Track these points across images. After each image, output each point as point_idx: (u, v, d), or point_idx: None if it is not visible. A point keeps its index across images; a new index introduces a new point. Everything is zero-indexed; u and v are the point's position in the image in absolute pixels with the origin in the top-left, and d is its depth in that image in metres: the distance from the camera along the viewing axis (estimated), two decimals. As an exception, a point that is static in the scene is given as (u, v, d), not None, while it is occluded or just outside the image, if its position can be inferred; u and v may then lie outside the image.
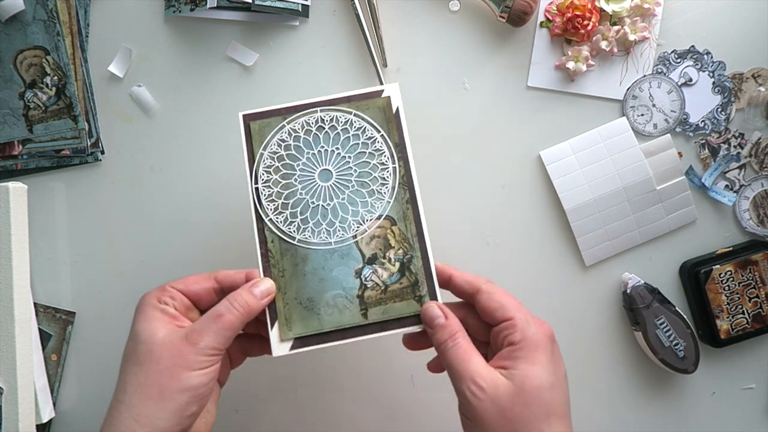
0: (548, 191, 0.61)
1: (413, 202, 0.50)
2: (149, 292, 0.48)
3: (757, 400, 0.62)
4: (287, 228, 0.50)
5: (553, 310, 0.62)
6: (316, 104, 0.52)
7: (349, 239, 0.50)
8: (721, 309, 0.59)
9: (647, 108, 0.60)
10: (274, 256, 0.50)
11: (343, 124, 0.51)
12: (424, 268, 0.49)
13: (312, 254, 0.50)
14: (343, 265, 0.50)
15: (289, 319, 0.49)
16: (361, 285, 0.49)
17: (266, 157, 0.51)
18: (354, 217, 0.50)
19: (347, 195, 0.51)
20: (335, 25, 0.61)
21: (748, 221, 0.61)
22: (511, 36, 0.61)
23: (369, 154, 0.51)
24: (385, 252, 0.50)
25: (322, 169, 0.51)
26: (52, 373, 0.61)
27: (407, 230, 0.50)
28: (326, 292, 0.49)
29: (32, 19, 0.58)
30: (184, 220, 0.62)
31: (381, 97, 0.52)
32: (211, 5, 0.58)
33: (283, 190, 0.51)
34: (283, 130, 0.51)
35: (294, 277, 0.49)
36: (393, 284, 0.49)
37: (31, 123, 0.59)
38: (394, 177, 0.51)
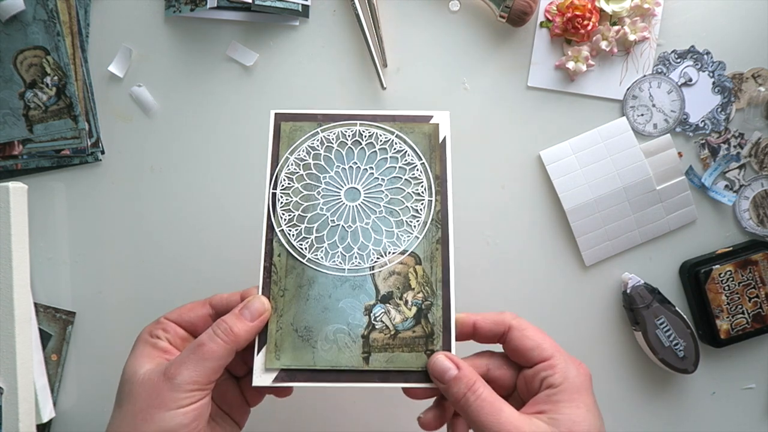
0: (548, 191, 0.61)
1: (444, 243, 0.45)
2: (147, 326, 0.46)
3: (757, 400, 0.62)
4: (298, 243, 0.45)
5: (553, 310, 0.62)
6: (357, 117, 0.47)
7: (366, 270, 0.45)
8: (721, 309, 0.59)
9: (647, 108, 0.60)
10: (278, 272, 0.45)
11: (382, 143, 0.47)
12: (443, 321, 0.44)
13: (320, 278, 0.45)
14: (353, 297, 0.44)
15: (279, 347, 0.43)
16: (368, 324, 0.44)
17: (292, 162, 0.47)
18: (376, 247, 0.45)
19: (372, 220, 0.46)
20: (335, 25, 0.61)
21: (748, 221, 0.61)
22: (511, 36, 0.61)
23: (405, 181, 0.46)
24: (402, 292, 0.44)
25: (349, 187, 0.46)
26: (52, 373, 0.61)
27: (432, 273, 0.45)
28: (328, 325, 0.44)
29: (32, 19, 0.58)
30: (184, 220, 0.62)
31: (429, 123, 0.48)
32: (211, 5, 0.58)
33: (303, 201, 0.46)
34: (316, 138, 0.47)
35: (295, 299, 0.44)
36: (405, 330, 0.44)
37: (31, 123, 0.59)
38: (428, 211, 0.46)
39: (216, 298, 0.46)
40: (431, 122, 0.48)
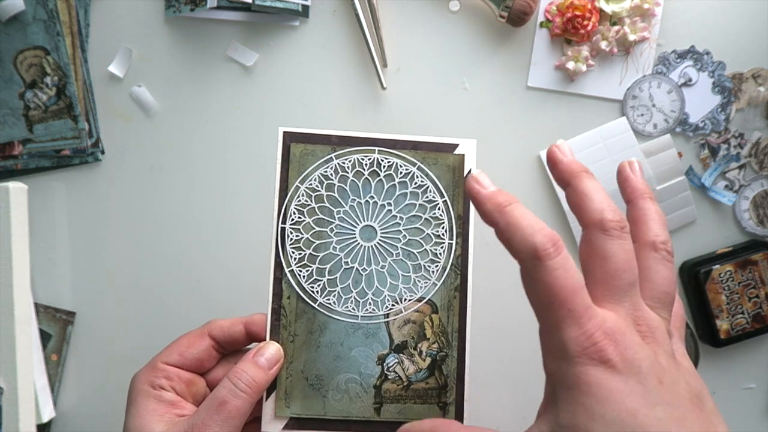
0: (548, 191, 0.61)
1: (463, 291, 0.43)
2: (139, 372, 0.42)
3: (757, 400, 0.62)
4: (310, 286, 0.42)
5: (553, 310, 0.62)
6: (375, 141, 0.43)
7: (380, 317, 0.42)
8: (720, 309, 0.59)
9: (647, 108, 0.60)
10: (287, 316, 0.42)
11: (401, 176, 0.43)
12: (458, 372, 0.42)
13: (332, 325, 0.42)
14: (366, 346, 0.42)
15: (289, 394, 0.42)
16: (381, 374, 0.42)
17: (302, 192, 0.43)
18: (391, 293, 0.43)
19: (389, 263, 0.43)
20: (335, 25, 0.61)
21: (748, 221, 0.61)
22: (511, 36, 0.61)
23: (425, 221, 0.43)
24: (417, 342, 0.42)
25: (365, 224, 0.43)
26: (52, 373, 0.61)
27: (448, 323, 0.43)
28: (339, 374, 0.42)
29: (32, 19, 0.58)
30: (185, 220, 0.62)
31: (453, 154, 0.44)
32: (211, 5, 0.58)
33: (315, 239, 0.43)
34: (329, 165, 0.43)
35: (306, 346, 0.42)
36: (418, 382, 0.42)
37: (31, 123, 0.59)
38: (448, 256, 0.43)
39: (215, 329, 0.42)
40: (456, 152, 0.44)
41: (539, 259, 0.31)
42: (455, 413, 0.42)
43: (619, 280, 0.32)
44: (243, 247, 0.62)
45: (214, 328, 0.42)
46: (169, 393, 0.40)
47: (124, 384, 0.62)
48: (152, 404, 0.39)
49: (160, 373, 0.41)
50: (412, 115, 0.61)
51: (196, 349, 0.42)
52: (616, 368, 0.30)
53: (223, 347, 0.43)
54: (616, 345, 0.30)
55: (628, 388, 0.29)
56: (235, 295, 0.62)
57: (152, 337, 0.62)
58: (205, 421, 0.37)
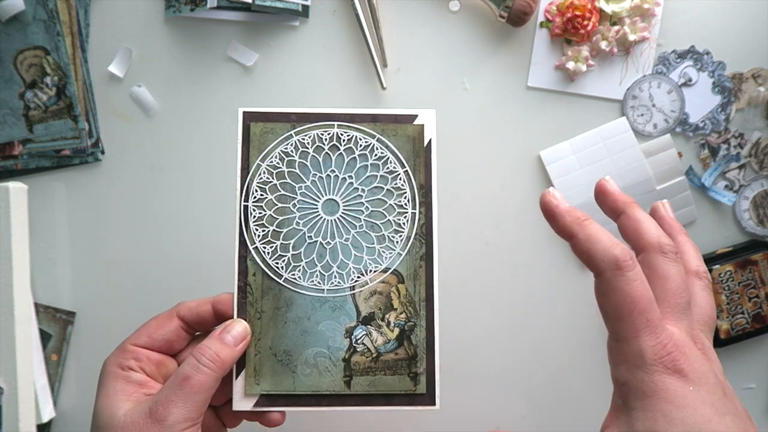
0: (548, 191, 0.61)
1: (428, 260, 0.43)
2: (109, 356, 0.42)
3: (757, 400, 0.62)
4: (274, 262, 0.43)
5: (553, 310, 0.62)
6: (334, 117, 0.43)
7: (346, 290, 0.43)
8: (720, 309, 0.59)
9: (647, 108, 0.60)
10: (254, 293, 0.42)
11: (361, 149, 0.43)
12: (427, 341, 0.42)
13: (299, 299, 0.42)
14: (333, 319, 0.42)
15: (258, 371, 0.42)
16: (350, 347, 0.42)
17: (264, 170, 0.43)
18: (356, 265, 0.43)
19: (352, 236, 0.43)
20: (335, 25, 0.61)
21: (748, 221, 0.61)
22: (511, 36, 0.61)
23: (387, 192, 0.43)
24: (384, 313, 0.42)
25: (327, 198, 0.43)
26: (52, 373, 0.61)
27: (415, 292, 0.42)
28: (307, 348, 0.42)
29: (32, 19, 0.58)
30: (184, 220, 0.62)
31: (413, 125, 0.44)
32: (211, 5, 0.58)
33: (278, 215, 0.43)
34: (290, 142, 0.43)
35: (273, 322, 0.42)
36: (387, 353, 0.42)
37: (31, 123, 0.59)
38: (411, 225, 0.43)
39: (183, 308, 0.42)
40: (416, 123, 0.44)
41: (620, 269, 0.33)
42: (426, 383, 0.42)
43: (679, 298, 0.34)
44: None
45: (182, 309, 0.42)
46: (138, 374, 0.40)
47: (124, 384, 0.62)
48: (120, 385, 0.40)
49: (129, 355, 0.41)
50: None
51: (165, 330, 0.42)
52: (689, 378, 0.32)
53: (193, 328, 0.43)
54: (686, 357, 0.32)
55: (700, 397, 0.31)
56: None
57: (152, 337, 0.62)
58: (169, 397, 0.37)
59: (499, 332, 0.62)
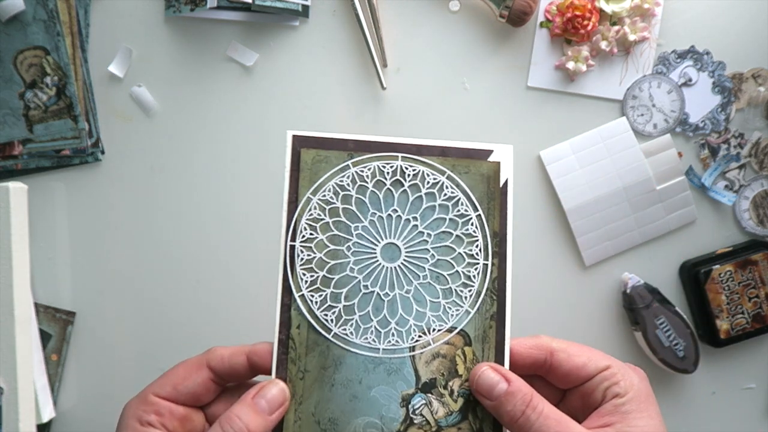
0: (548, 191, 0.61)
1: (500, 320, 0.37)
2: (130, 403, 0.37)
3: (757, 400, 0.62)
4: (323, 314, 0.37)
5: (553, 310, 0.62)
6: (398, 147, 0.38)
7: (405, 351, 0.37)
8: (720, 309, 0.59)
9: (647, 108, 0.60)
10: (297, 349, 0.37)
11: (429, 186, 0.38)
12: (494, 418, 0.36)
13: (349, 359, 0.37)
14: (388, 384, 0.36)
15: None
16: (406, 418, 0.36)
17: (315, 205, 0.37)
18: (417, 322, 0.37)
19: (415, 287, 0.37)
20: (335, 25, 0.61)
21: (748, 221, 0.61)
22: (511, 36, 0.61)
23: (456, 238, 0.38)
24: (447, 380, 0.37)
25: (387, 242, 0.38)
26: (52, 373, 0.61)
27: (483, 357, 0.37)
28: (357, 417, 0.36)
29: (32, 19, 0.58)
30: (185, 220, 0.62)
31: (488, 161, 0.38)
32: (211, 5, 0.58)
33: (329, 259, 0.37)
34: (346, 174, 0.38)
35: (318, 384, 0.36)
36: (449, 427, 0.36)
37: (31, 123, 0.59)
38: (483, 279, 0.37)
39: (215, 359, 0.37)
40: (491, 159, 0.38)
41: None
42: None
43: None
44: (243, 246, 0.62)
45: (213, 358, 0.37)
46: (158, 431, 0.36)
47: (124, 384, 0.62)
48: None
49: (150, 408, 0.36)
50: (413, 115, 0.61)
51: (192, 382, 0.37)
52: None
53: (224, 379, 0.38)
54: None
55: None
56: (235, 295, 0.62)
57: (152, 337, 0.62)
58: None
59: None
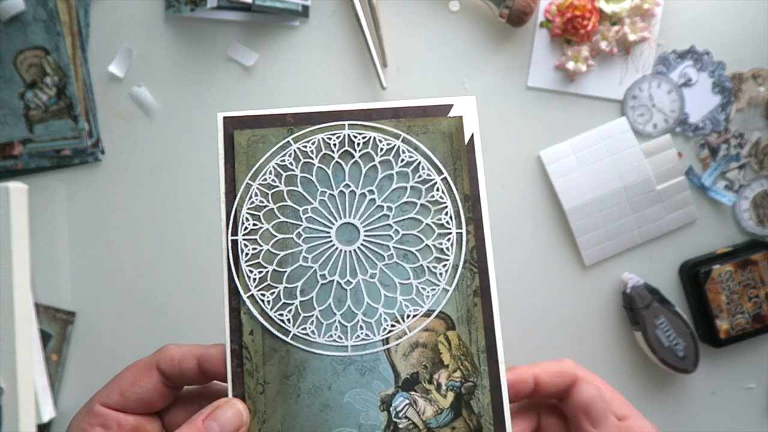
0: (548, 191, 0.61)
1: (485, 295, 0.33)
2: (75, 416, 0.33)
3: (757, 400, 0.62)
4: (278, 314, 0.32)
5: (553, 310, 0.62)
6: (343, 114, 0.33)
7: (378, 345, 0.32)
8: (720, 309, 0.59)
9: (647, 108, 0.60)
10: (252, 359, 0.31)
11: (383, 153, 0.33)
12: (494, 407, 0.31)
13: (314, 363, 0.31)
14: (364, 386, 0.31)
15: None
16: (389, 423, 0.31)
17: (255, 191, 0.33)
18: (388, 309, 0.32)
19: (380, 270, 0.32)
20: (335, 25, 0.61)
21: (748, 221, 0.61)
22: (511, 36, 0.61)
23: (421, 208, 0.33)
24: (432, 373, 0.32)
25: (343, 222, 0.33)
26: (52, 373, 0.61)
27: (471, 341, 0.32)
28: (331, 430, 0.31)
29: (32, 19, 0.58)
30: (184, 220, 0.62)
31: (448, 117, 0.34)
32: (211, 5, 0.58)
33: (278, 250, 0.32)
34: (287, 152, 0.33)
35: (281, 396, 0.31)
36: (441, 428, 0.31)
37: (31, 123, 0.59)
38: (459, 250, 0.33)
39: (165, 360, 0.33)
40: (451, 115, 0.34)
41: None
42: None
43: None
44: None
45: (162, 360, 0.33)
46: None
47: (124, 384, 0.62)
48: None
49: (95, 420, 0.32)
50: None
51: (141, 387, 0.32)
52: None
53: (176, 384, 0.33)
54: None
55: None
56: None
57: (152, 337, 0.62)
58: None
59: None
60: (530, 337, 0.62)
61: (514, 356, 0.62)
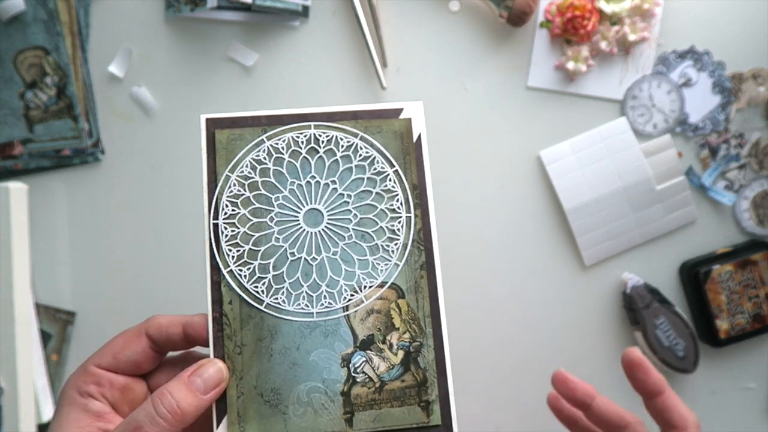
0: (548, 191, 0.61)
1: (430, 269, 0.38)
2: (71, 376, 0.37)
3: (757, 400, 0.62)
4: (253, 286, 0.38)
5: (553, 310, 0.62)
6: (310, 116, 0.39)
7: (339, 311, 0.37)
8: (720, 309, 0.59)
9: (647, 108, 0.60)
10: (231, 324, 0.37)
11: (344, 150, 0.39)
12: (437, 363, 0.37)
13: (284, 327, 0.37)
14: (327, 347, 0.37)
15: (243, 416, 0.36)
16: (348, 377, 0.36)
17: (234, 182, 0.39)
18: (347, 281, 0.37)
19: (341, 248, 0.38)
20: (335, 25, 0.61)
21: (748, 221, 0.61)
22: (511, 36, 0.61)
23: (376, 195, 0.38)
24: (385, 335, 0.37)
25: (309, 208, 0.38)
26: (52, 373, 0.61)
27: (418, 307, 0.37)
28: (299, 384, 0.36)
29: (32, 19, 0.58)
30: (184, 220, 0.62)
31: (399, 119, 0.39)
32: (211, 5, 0.58)
33: (253, 231, 0.38)
34: (261, 148, 0.39)
35: (256, 356, 0.36)
36: (392, 381, 0.37)
37: (31, 123, 0.59)
38: (408, 231, 0.38)
39: (153, 326, 0.37)
40: (402, 117, 0.39)
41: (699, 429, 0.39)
42: (441, 412, 0.37)
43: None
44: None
45: (151, 326, 0.37)
46: (97, 402, 0.35)
47: (124, 384, 0.62)
48: (75, 413, 0.35)
49: (90, 378, 0.36)
50: (412, 115, 0.61)
51: (131, 350, 0.36)
52: None
53: (162, 348, 0.37)
54: None
55: None
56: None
57: (152, 337, 0.62)
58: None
59: (499, 332, 0.62)
60: (530, 337, 0.62)
61: (514, 356, 0.62)
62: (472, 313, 0.62)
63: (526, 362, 0.62)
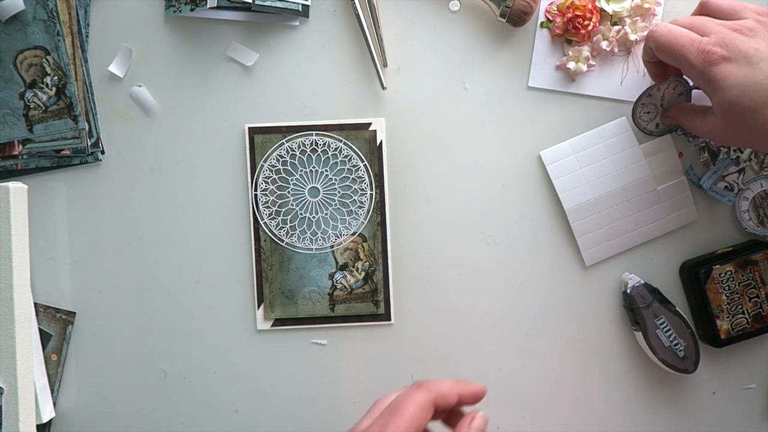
0: (548, 191, 0.61)
1: (383, 226, 0.60)
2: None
3: (757, 400, 0.62)
4: (278, 231, 0.60)
5: (553, 310, 0.62)
6: (312, 128, 0.60)
7: (327, 248, 0.60)
8: (721, 309, 0.59)
9: (655, 107, 0.60)
10: (265, 253, 0.61)
11: (333, 150, 0.60)
12: (384, 280, 0.61)
13: (296, 256, 0.60)
14: (320, 268, 0.60)
15: (272, 304, 0.61)
16: (332, 286, 0.61)
17: (266, 168, 0.60)
18: (333, 231, 0.60)
19: (330, 211, 0.60)
20: (335, 25, 0.61)
21: (748, 221, 0.61)
22: (511, 36, 0.61)
23: (352, 179, 0.60)
24: (354, 262, 0.60)
25: (311, 186, 0.60)
26: (52, 373, 0.61)
27: (374, 248, 0.60)
28: (304, 287, 0.61)
29: (32, 19, 0.58)
30: (184, 220, 0.62)
31: (368, 130, 0.60)
32: (211, 5, 0.58)
33: (278, 199, 0.60)
34: (282, 147, 0.60)
35: (280, 271, 0.61)
36: (357, 288, 0.61)
37: (31, 123, 0.59)
38: (370, 202, 0.60)
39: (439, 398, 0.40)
40: (370, 129, 0.60)
41: None
42: (384, 307, 0.61)
43: None
44: (243, 246, 0.62)
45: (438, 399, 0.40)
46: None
47: (124, 384, 0.63)
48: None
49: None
50: (412, 115, 0.61)
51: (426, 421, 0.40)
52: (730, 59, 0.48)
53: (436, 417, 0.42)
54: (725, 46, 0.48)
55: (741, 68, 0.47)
56: (234, 294, 0.62)
57: (152, 337, 0.62)
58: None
59: (500, 332, 0.62)
60: (530, 337, 0.62)
61: (514, 356, 0.62)
62: (472, 313, 0.62)
63: (526, 362, 0.62)
